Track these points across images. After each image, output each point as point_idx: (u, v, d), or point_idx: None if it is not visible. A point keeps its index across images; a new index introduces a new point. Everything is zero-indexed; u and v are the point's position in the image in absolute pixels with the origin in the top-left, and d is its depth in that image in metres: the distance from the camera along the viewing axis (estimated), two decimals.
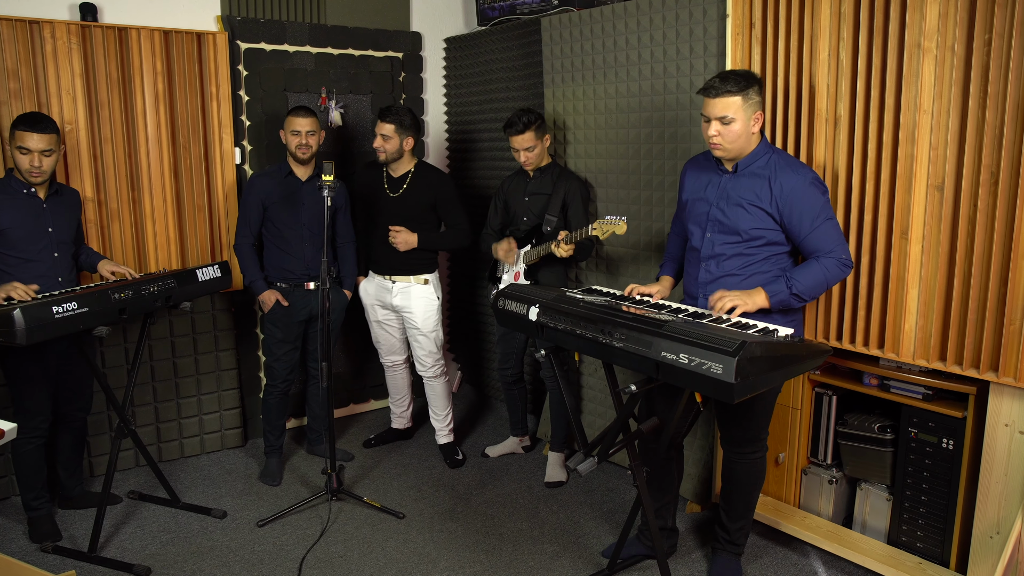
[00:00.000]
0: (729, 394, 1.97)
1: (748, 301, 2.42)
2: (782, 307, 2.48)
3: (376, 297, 3.82)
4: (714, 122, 2.48)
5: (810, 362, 2.28)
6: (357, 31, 4.26)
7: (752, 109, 2.47)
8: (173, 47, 3.65)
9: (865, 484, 2.93)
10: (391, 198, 3.68)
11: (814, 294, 2.47)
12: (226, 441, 4.06)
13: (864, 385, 2.86)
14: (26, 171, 2.92)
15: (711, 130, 2.49)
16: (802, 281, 2.45)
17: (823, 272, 2.46)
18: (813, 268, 2.47)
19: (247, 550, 3.08)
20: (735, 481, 2.75)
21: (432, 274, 3.77)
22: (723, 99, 2.45)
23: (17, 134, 2.88)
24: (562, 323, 2.42)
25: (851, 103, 2.64)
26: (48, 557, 3.02)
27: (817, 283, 2.46)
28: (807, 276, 2.46)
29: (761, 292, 2.46)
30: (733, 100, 2.44)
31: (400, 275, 3.72)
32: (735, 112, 2.45)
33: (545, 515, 3.34)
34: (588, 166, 3.62)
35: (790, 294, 2.45)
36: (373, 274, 3.82)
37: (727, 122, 2.46)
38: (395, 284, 3.73)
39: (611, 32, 3.40)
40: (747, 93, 2.44)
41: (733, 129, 2.46)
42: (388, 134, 3.55)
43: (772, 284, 2.48)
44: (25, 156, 2.89)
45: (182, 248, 3.81)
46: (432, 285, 3.76)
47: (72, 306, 2.64)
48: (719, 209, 2.58)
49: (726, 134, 2.47)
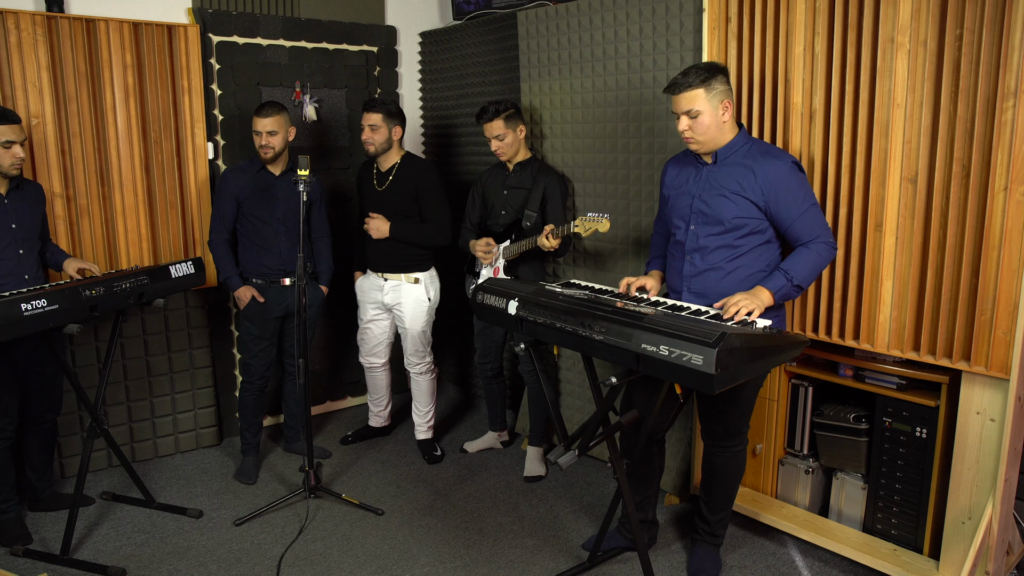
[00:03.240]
0: (709, 385, 1.98)
1: (757, 303, 2.41)
2: (784, 300, 2.52)
3: (368, 295, 3.79)
4: (682, 118, 2.51)
5: (788, 353, 2.30)
6: (331, 24, 4.22)
7: (718, 99, 2.48)
8: (143, 40, 3.58)
9: (841, 473, 2.97)
10: (378, 192, 3.66)
11: (810, 280, 2.52)
12: (201, 440, 4.01)
13: (839, 376, 2.89)
14: (9, 165, 2.88)
15: (681, 125, 2.53)
16: (799, 271, 2.48)
17: (816, 258, 2.50)
18: (806, 255, 2.50)
19: (224, 549, 3.04)
20: (715, 474, 2.77)
21: (424, 273, 3.73)
22: (686, 94, 2.48)
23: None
24: (542, 317, 2.42)
25: (826, 97, 2.67)
26: (19, 561, 2.96)
27: (812, 269, 2.50)
28: (802, 264, 2.49)
29: (764, 291, 2.47)
30: (696, 93, 2.47)
31: (392, 272, 3.70)
32: (700, 104, 2.47)
33: (525, 509, 3.34)
34: (565, 160, 3.62)
35: (792, 286, 2.48)
36: (369, 272, 3.79)
37: (694, 115, 2.48)
38: (387, 282, 3.71)
39: (587, 26, 3.40)
40: (709, 84, 2.46)
41: (702, 122, 2.49)
42: (376, 123, 3.52)
43: (770, 280, 2.49)
44: (8, 151, 2.86)
45: (154, 244, 3.75)
46: (423, 284, 3.72)
47: (42, 303, 2.58)
48: (702, 200, 2.59)
49: (696, 127, 2.50)
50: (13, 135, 2.86)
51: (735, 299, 2.42)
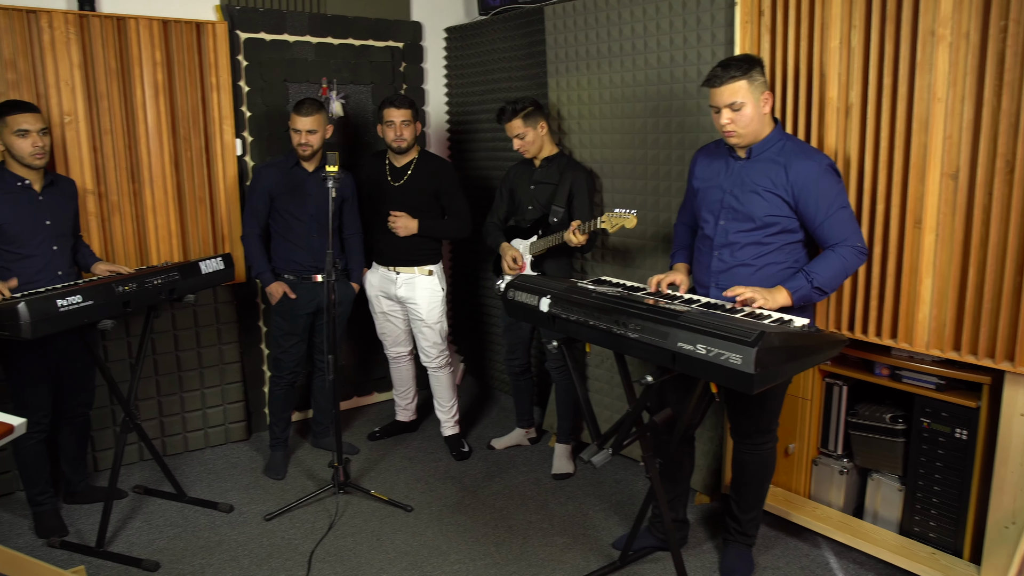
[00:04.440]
0: (748, 384, 1.95)
1: (770, 299, 2.38)
2: (804, 303, 2.46)
3: (380, 288, 3.79)
4: (724, 110, 2.45)
5: (826, 352, 2.26)
6: (357, 20, 4.22)
7: (759, 90, 2.44)
8: (172, 37, 3.60)
9: (876, 475, 2.92)
10: (394, 188, 3.65)
11: (834, 285, 2.45)
12: (230, 435, 4.04)
13: (875, 375, 2.84)
14: (29, 155, 2.87)
15: (723, 119, 2.47)
16: (822, 274, 2.42)
17: (841, 262, 2.43)
18: (831, 259, 2.44)
19: (255, 544, 3.06)
20: (746, 472, 2.74)
21: (436, 265, 3.74)
22: (729, 85, 2.43)
23: (10, 119, 2.84)
24: (574, 314, 2.40)
25: (863, 91, 2.62)
26: (56, 552, 3.00)
27: (836, 274, 2.44)
28: (826, 268, 2.43)
29: (783, 291, 2.43)
30: (739, 85, 2.42)
31: (404, 266, 3.69)
32: (743, 96, 2.42)
33: (554, 507, 3.33)
34: (593, 156, 3.59)
35: (812, 288, 2.42)
36: (377, 265, 3.79)
37: (737, 108, 2.43)
38: (399, 275, 3.71)
39: (616, 20, 3.37)
40: (751, 75, 2.42)
41: (745, 114, 2.44)
42: (408, 119, 3.53)
43: (792, 280, 2.45)
44: (26, 139, 2.85)
45: (183, 240, 3.77)
46: (436, 276, 3.73)
47: (77, 299, 2.60)
48: (733, 196, 2.55)
49: (739, 120, 2.45)
50: (27, 123, 2.86)
51: (745, 289, 2.39)
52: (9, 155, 2.89)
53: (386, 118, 3.54)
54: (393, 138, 3.55)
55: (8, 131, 2.85)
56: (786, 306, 2.42)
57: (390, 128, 3.54)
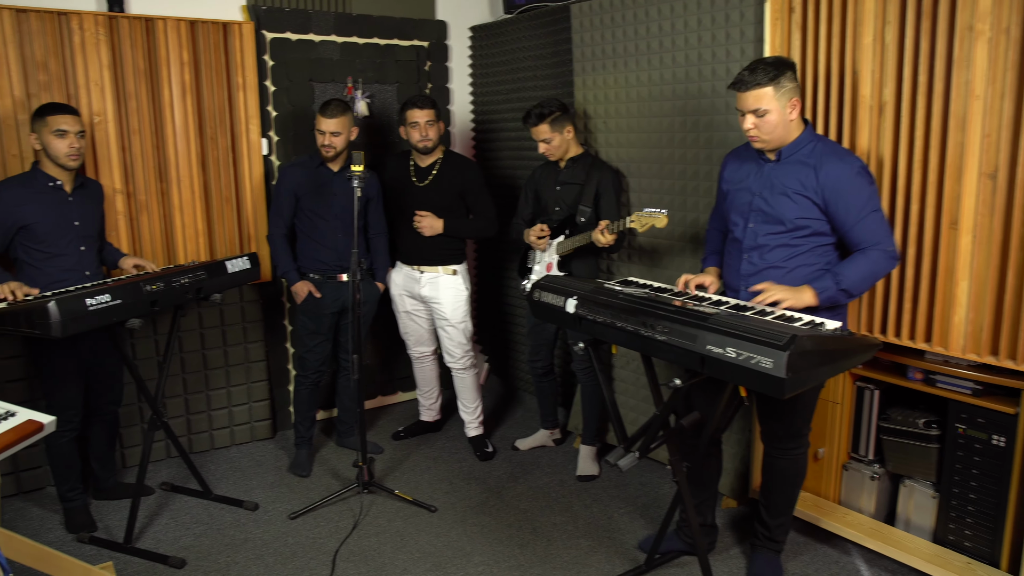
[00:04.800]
0: (780, 389, 1.91)
1: (795, 298, 2.35)
2: (830, 304, 2.41)
3: (404, 287, 3.79)
4: (748, 115, 2.42)
5: (859, 356, 2.21)
6: (382, 20, 4.21)
7: (786, 97, 2.40)
8: (199, 37, 3.62)
9: (909, 481, 2.86)
10: (419, 188, 3.64)
11: (862, 288, 2.41)
12: (256, 433, 4.06)
13: (908, 379, 2.78)
14: (65, 155, 2.91)
15: (747, 124, 2.44)
16: (849, 276, 2.38)
17: (870, 265, 2.38)
18: (860, 261, 2.39)
19: (280, 543, 3.07)
20: (775, 477, 2.70)
21: (461, 265, 3.73)
22: (754, 92, 2.39)
23: (50, 119, 2.88)
24: (601, 315, 2.37)
25: (897, 89, 2.56)
26: (85, 548, 3.03)
27: (865, 277, 2.39)
28: (854, 270, 2.38)
29: (808, 290, 2.39)
30: (764, 92, 2.38)
31: (429, 265, 3.69)
32: (768, 103, 2.38)
33: (579, 509, 3.30)
34: (620, 156, 3.56)
35: (838, 290, 2.38)
36: (401, 264, 3.79)
37: (761, 114, 2.40)
38: (423, 275, 3.70)
39: (643, 18, 3.33)
40: (778, 82, 2.37)
41: (769, 120, 2.40)
42: (432, 119, 3.53)
43: (819, 280, 2.41)
44: (63, 139, 2.90)
45: (210, 240, 3.79)
46: (461, 276, 3.72)
47: (105, 298, 2.62)
48: (762, 198, 2.51)
49: (762, 126, 2.41)
50: (66, 124, 2.90)
51: (771, 286, 2.37)
52: (45, 155, 2.93)
53: (410, 119, 3.53)
54: (419, 139, 3.54)
55: (47, 130, 2.88)
56: (812, 306, 2.38)
57: (415, 129, 3.53)
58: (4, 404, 2.02)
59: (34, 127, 2.91)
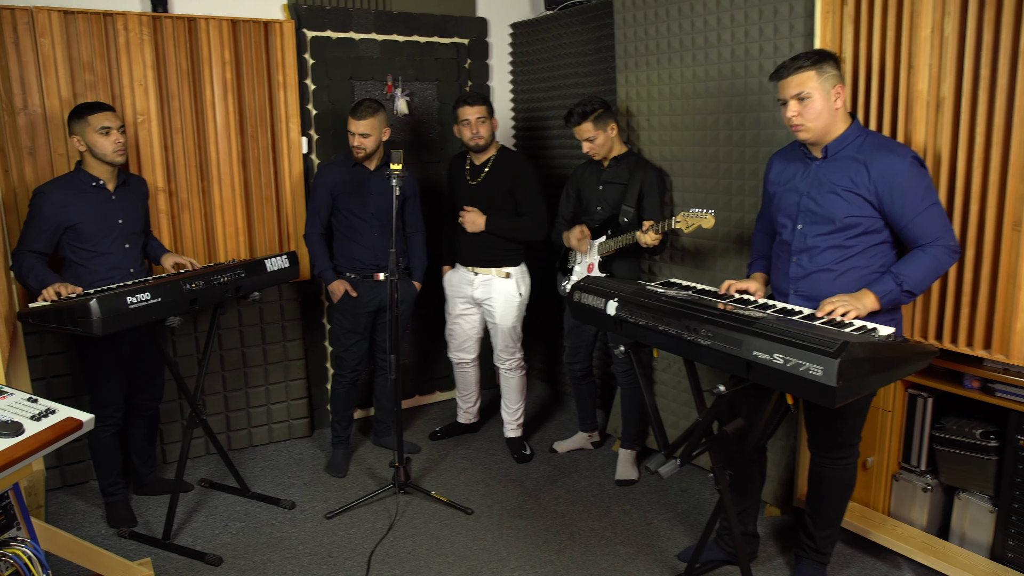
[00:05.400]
0: (830, 398, 1.83)
1: (859, 306, 2.25)
2: (892, 306, 2.32)
3: (458, 289, 3.76)
4: (791, 102, 2.34)
5: (913, 364, 2.12)
6: (423, 17, 4.19)
7: (830, 83, 2.31)
8: (241, 36, 3.63)
9: (964, 494, 2.74)
10: (471, 186, 3.62)
11: (924, 287, 2.31)
12: (294, 431, 4.07)
13: (965, 388, 2.66)
14: (112, 151, 2.95)
15: (789, 111, 2.35)
16: (911, 275, 2.28)
17: (932, 262, 2.28)
18: (921, 259, 2.29)
19: (316, 542, 3.06)
20: (823, 487, 2.60)
21: (516, 268, 3.68)
22: (795, 76, 2.31)
23: (92, 118, 2.91)
24: (643, 318, 2.31)
25: (957, 83, 2.44)
26: (125, 542, 3.06)
27: (927, 275, 2.29)
28: (916, 269, 2.28)
29: (869, 294, 2.29)
30: (807, 75, 2.30)
31: (482, 266, 3.65)
32: (811, 87, 2.30)
33: (617, 515, 3.24)
34: (663, 154, 3.48)
35: (901, 291, 2.28)
36: (458, 266, 3.76)
37: (804, 98, 2.31)
38: (477, 276, 3.67)
39: (688, 12, 3.24)
40: (821, 67, 2.30)
41: (812, 106, 2.31)
42: (484, 116, 3.50)
43: (879, 283, 2.31)
44: (108, 136, 2.93)
45: (250, 238, 3.81)
46: (515, 279, 3.66)
47: (145, 296, 2.64)
48: (810, 198, 2.42)
49: (806, 112, 2.32)
50: (108, 121, 2.94)
51: (833, 299, 2.28)
52: (90, 154, 2.96)
53: (461, 117, 3.50)
54: (470, 136, 3.51)
55: (91, 130, 2.92)
56: (874, 311, 2.29)
57: (466, 127, 3.50)
58: (45, 402, 2.03)
59: (75, 129, 2.94)
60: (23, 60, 3.20)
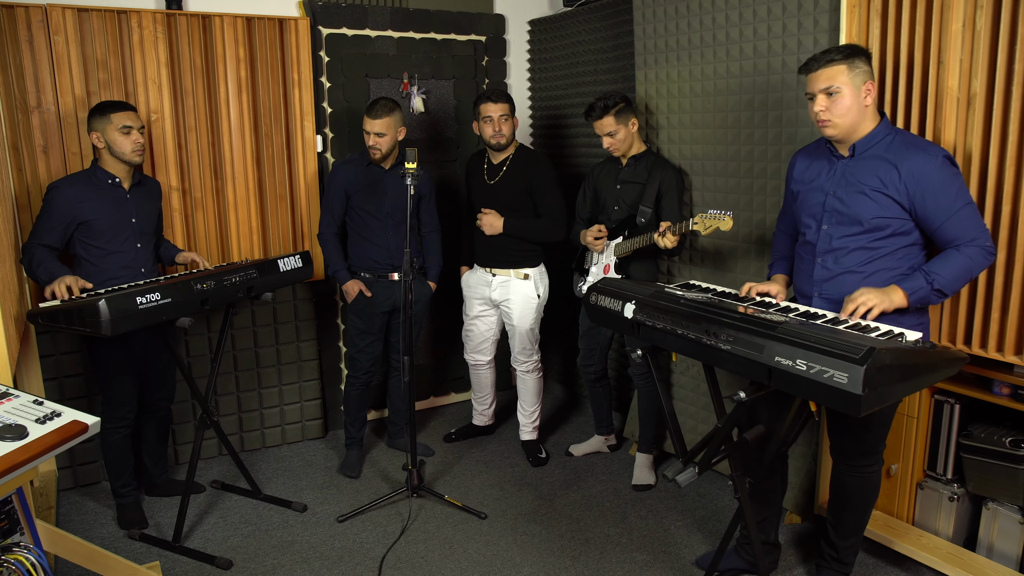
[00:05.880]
0: (856, 406, 1.76)
1: (885, 300, 2.18)
2: (921, 304, 2.24)
3: (475, 290, 3.71)
4: (819, 96, 2.26)
5: (942, 371, 2.04)
6: (439, 14, 4.14)
7: (860, 78, 2.23)
8: (255, 34, 3.60)
9: (993, 504, 2.65)
10: (488, 186, 3.57)
11: (956, 288, 2.23)
12: (307, 432, 4.04)
13: (994, 394, 2.57)
14: (132, 151, 2.95)
15: (817, 105, 2.27)
16: (943, 274, 2.20)
17: (967, 262, 2.20)
18: (955, 258, 2.21)
19: (327, 546, 3.02)
20: (846, 496, 2.52)
21: (534, 269, 3.62)
22: (825, 69, 2.23)
23: (114, 116, 2.92)
24: (661, 321, 2.24)
25: (989, 79, 2.36)
26: (135, 544, 3.04)
27: (960, 275, 2.21)
28: (948, 268, 2.20)
29: (898, 290, 2.21)
30: (837, 69, 2.22)
31: (500, 267, 3.60)
32: (841, 81, 2.22)
33: (633, 520, 3.17)
34: (683, 152, 3.40)
35: (931, 290, 2.20)
36: (476, 267, 3.71)
37: (833, 93, 2.23)
38: (495, 277, 3.62)
39: (709, 8, 3.17)
40: (852, 61, 2.22)
41: (841, 102, 2.23)
42: (506, 113, 3.45)
43: (909, 280, 2.23)
44: (129, 136, 2.94)
45: (264, 237, 3.78)
46: (533, 281, 3.61)
47: (155, 297, 2.61)
48: (836, 198, 2.34)
49: (834, 108, 2.24)
50: (130, 121, 2.94)
51: (860, 294, 2.20)
52: (108, 152, 2.95)
53: (484, 114, 3.44)
54: (492, 134, 3.45)
55: (112, 128, 2.91)
56: (901, 307, 2.21)
57: (488, 124, 3.45)
58: (51, 404, 2.00)
59: (95, 126, 2.93)
60: (37, 58, 3.18)
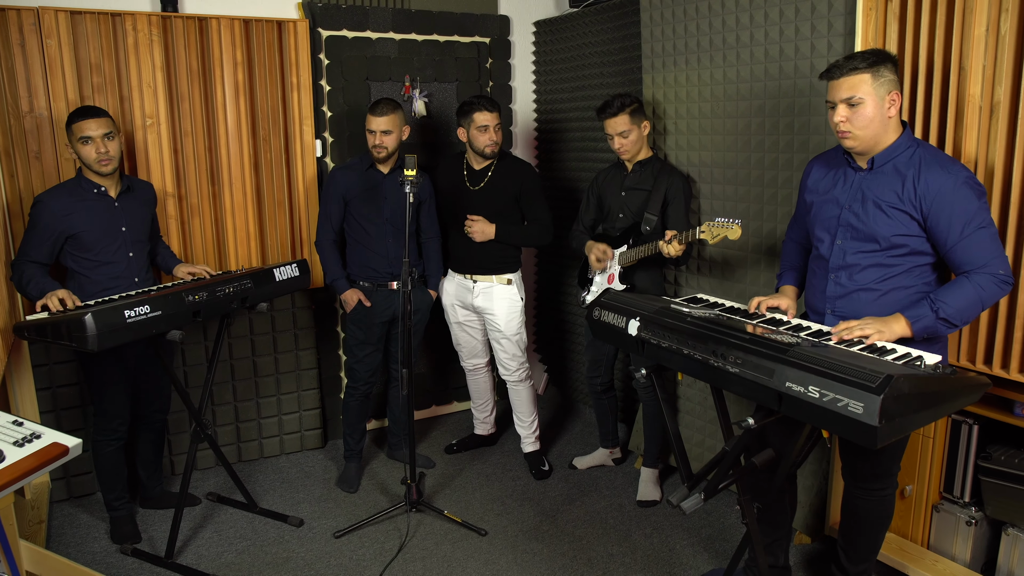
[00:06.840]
0: (871, 438, 1.66)
1: (885, 331, 2.07)
2: (926, 335, 2.12)
3: (457, 297, 3.62)
4: (840, 106, 2.14)
5: (963, 399, 1.94)
6: (442, 16, 4.05)
7: (885, 88, 2.11)
8: (253, 36, 3.52)
9: (1013, 529, 2.54)
10: (472, 192, 3.47)
11: (966, 318, 2.09)
12: (305, 442, 3.96)
13: (1015, 416, 2.46)
14: (95, 160, 2.81)
15: (837, 116, 2.15)
16: (951, 303, 2.07)
17: (976, 292, 2.07)
18: (964, 287, 2.08)
19: (322, 563, 2.94)
20: (859, 519, 2.42)
21: (515, 273, 3.54)
22: (849, 78, 2.11)
23: (75, 127, 2.80)
24: (666, 340, 2.15)
25: (1014, 87, 2.25)
26: (127, 560, 2.97)
27: (970, 305, 2.08)
28: (957, 297, 2.07)
29: (901, 319, 2.10)
30: (861, 78, 2.10)
31: (482, 274, 3.51)
32: (865, 92, 2.10)
33: (638, 539, 3.08)
34: (690, 159, 3.30)
35: (936, 319, 2.07)
36: (453, 273, 3.62)
37: (855, 103, 2.11)
38: (476, 284, 3.53)
39: (719, 10, 3.06)
40: (878, 70, 2.09)
41: (864, 113, 2.11)
42: (500, 123, 3.38)
43: (914, 308, 2.11)
44: (90, 145, 2.80)
45: (262, 244, 3.70)
46: (516, 285, 3.53)
47: (145, 310, 2.53)
48: (852, 212, 2.23)
49: (855, 119, 2.13)
50: (89, 130, 2.79)
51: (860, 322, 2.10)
52: (82, 163, 2.86)
53: (478, 122, 3.34)
54: (488, 143, 3.36)
55: (74, 139, 2.81)
56: (904, 338, 2.10)
57: (484, 133, 3.35)
58: (31, 425, 1.93)
59: (68, 136, 2.84)
60: (29, 62, 3.11)
